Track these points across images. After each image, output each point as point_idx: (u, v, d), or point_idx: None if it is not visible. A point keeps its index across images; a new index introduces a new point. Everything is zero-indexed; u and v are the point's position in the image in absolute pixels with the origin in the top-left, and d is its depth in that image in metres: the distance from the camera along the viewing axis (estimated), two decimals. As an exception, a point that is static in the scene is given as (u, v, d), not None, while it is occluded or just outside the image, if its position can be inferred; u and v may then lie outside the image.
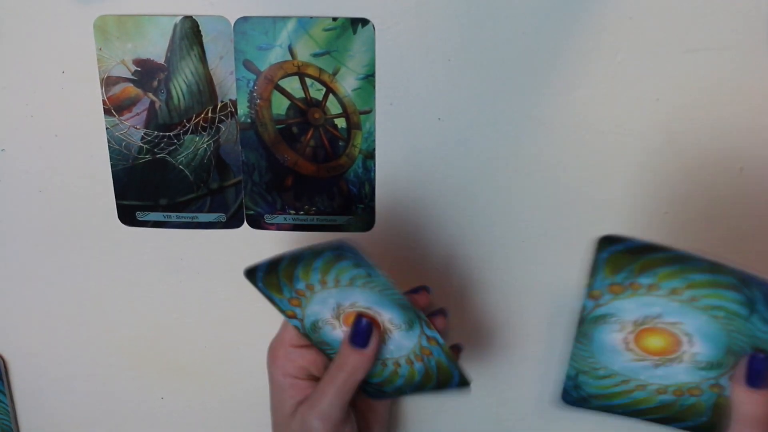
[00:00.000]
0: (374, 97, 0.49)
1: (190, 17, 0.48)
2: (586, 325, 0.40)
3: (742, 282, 0.36)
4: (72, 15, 0.49)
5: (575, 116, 0.49)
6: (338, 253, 0.39)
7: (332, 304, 0.42)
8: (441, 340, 0.42)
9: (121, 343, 0.56)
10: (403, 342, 0.43)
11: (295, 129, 0.50)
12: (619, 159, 0.49)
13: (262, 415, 0.56)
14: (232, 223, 0.52)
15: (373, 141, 0.50)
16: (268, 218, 0.52)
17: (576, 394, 0.43)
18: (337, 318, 0.43)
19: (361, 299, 0.42)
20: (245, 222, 0.52)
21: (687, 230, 0.50)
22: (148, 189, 0.52)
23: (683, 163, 0.49)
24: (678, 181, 0.49)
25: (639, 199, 0.50)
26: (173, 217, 0.52)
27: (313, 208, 0.51)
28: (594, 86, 0.48)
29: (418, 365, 0.44)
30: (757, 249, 0.50)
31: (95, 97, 0.50)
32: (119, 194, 0.52)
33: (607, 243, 0.36)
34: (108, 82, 0.50)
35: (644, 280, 0.37)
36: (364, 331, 0.43)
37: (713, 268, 0.36)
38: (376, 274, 0.39)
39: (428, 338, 0.42)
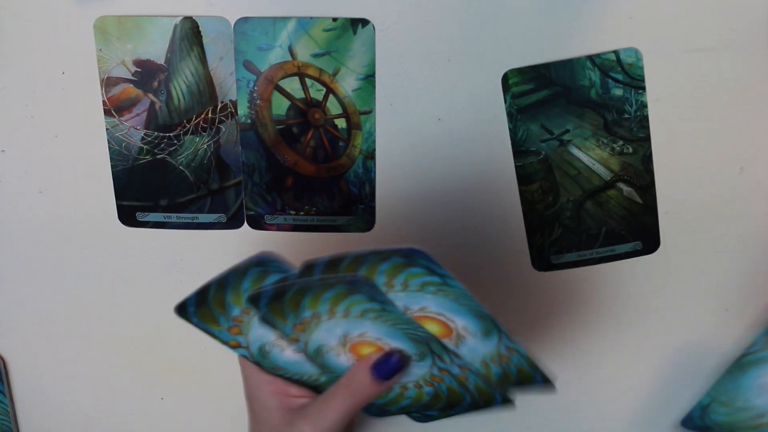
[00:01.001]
0: (374, 98, 0.49)
1: (190, 18, 0.48)
2: None
3: (347, 284, 0.38)
4: (72, 15, 0.49)
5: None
6: (351, 287, 0.39)
7: (339, 334, 0.42)
8: (473, 368, 0.42)
9: (121, 343, 0.56)
10: (413, 370, 0.43)
11: (295, 129, 0.50)
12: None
13: (263, 415, 0.56)
14: (233, 223, 0.52)
15: (373, 141, 0.50)
16: (269, 219, 0.52)
17: (374, 409, 0.45)
18: (344, 346, 0.42)
19: (371, 331, 0.41)
20: (245, 222, 0.52)
21: (687, 230, 0.50)
22: (149, 189, 0.52)
23: (683, 163, 0.49)
24: (678, 181, 0.49)
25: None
26: (173, 217, 0.52)
27: (314, 209, 0.51)
28: (594, 86, 0.48)
29: (427, 389, 0.43)
30: (757, 249, 0.50)
31: (95, 97, 0.50)
32: (119, 195, 0.52)
33: (253, 302, 0.39)
34: (108, 83, 0.50)
35: (308, 313, 0.39)
36: (393, 367, 0.41)
37: (325, 284, 0.38)
38: (391, 308, 0.39)
39: (440, 369, 0.42)
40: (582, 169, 0.49)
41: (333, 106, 0.49)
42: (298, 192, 0.51)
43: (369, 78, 0.49)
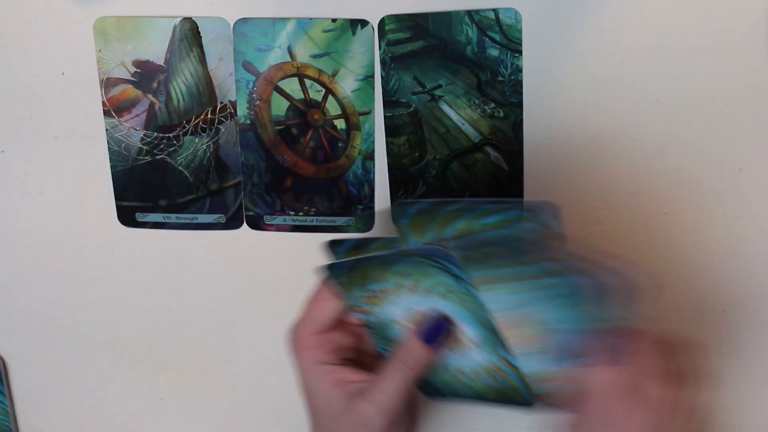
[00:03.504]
0: (374, 98, 0.49)
1: (190, 18, 0.48)
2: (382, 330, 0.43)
3: (428, 256, 0.38)
4: (72, 16, 0.49)
5: (575, 117, 0.49)
6: (428, 260, 0.38)
7: (407, 307, 0.42)
8: (522, 370, 0.41)
9: (121, 343, 0.56)
10: (473, 356, 0.42)
11: (294, 130, 0.50)
12: (619, 159, 0.49)
13: (262, 415, 0.56)
14: (232, 224, 0.52)
15: (373, 142, 0.50)
16: (268, 219, 0.52)
17: (430, 389, 0.45)
18: (411, 320, 0.42)
19: (440, 307, 0.41)
20: (245, 223, 0.52)
21: (687, 230, 0.50)
22: (148, 190, 0.52)
23: (683, 163, 0.49)
24: (678, 181, 0.49)
25: (639, 198, 0.50)
26: (173, 218, 0.52)
27: (313, 209, 0.51)
28: (594, 86, 0.48)
29: (485, 378, 0.43)
30: (757, 249, 0.50)
31: (95, 98, 0.50)
32: (119, 195, 0.52)
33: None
34: (108, 84, 0.50)
35: (375, 287, 0.41)
36: (436, 328, 0.41)
37: (401, 256, 0.39)
38: (465, 286, 0.39)
39: (506, 361, 0.41)
40: (451, 128, 0.48)
41: (332, 107, 0.49)
42: (298, 193, 0.51)
43: (368, 79, 0.49)
